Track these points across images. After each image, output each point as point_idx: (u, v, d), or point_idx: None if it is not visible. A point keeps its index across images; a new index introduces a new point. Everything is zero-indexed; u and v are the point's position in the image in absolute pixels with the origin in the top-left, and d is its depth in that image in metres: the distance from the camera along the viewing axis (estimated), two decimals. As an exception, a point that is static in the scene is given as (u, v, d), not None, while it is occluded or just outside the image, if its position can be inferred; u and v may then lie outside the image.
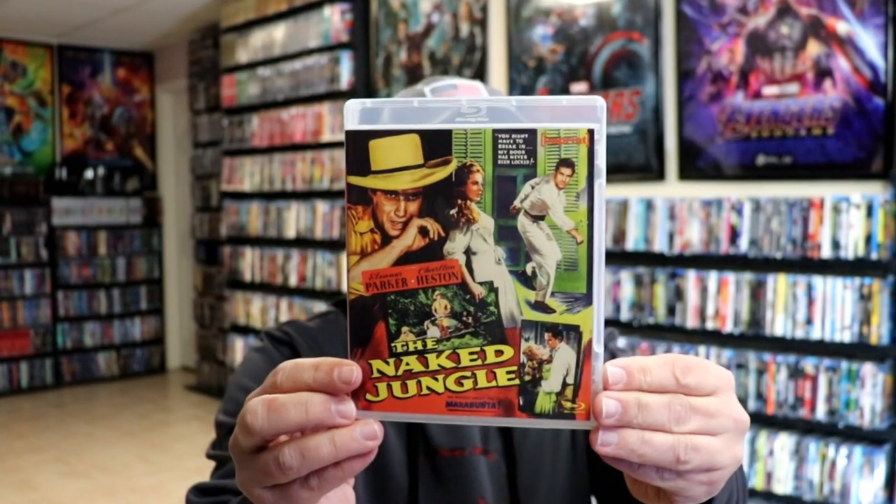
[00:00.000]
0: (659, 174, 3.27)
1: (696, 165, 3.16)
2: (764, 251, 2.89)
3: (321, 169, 4.72)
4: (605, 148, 0.46)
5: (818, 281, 2.75)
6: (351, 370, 0.47)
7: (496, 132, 0.46)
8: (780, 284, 2.84)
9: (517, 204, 0.46)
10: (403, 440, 0.97)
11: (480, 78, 3.98)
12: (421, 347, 0.48)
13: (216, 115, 6.01)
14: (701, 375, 0.49)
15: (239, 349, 5.34)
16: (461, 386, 0.48)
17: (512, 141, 0.46)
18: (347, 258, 0.48)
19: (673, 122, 3.23)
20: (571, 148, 0.46)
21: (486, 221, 0.47)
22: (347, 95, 4.60)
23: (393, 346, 0.48)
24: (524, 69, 3.75)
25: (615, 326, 3.24)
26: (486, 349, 0.47)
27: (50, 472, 4.56)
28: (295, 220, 4.92)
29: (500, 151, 0.46)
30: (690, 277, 3.06)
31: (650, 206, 3.18)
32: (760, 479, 2.85)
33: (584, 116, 0.46)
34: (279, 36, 5.02)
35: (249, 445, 0.49)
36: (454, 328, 0.48)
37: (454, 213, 0.47)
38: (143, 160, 7.39)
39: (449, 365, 0.48)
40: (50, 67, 6.88)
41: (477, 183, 0.46)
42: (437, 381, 0.48)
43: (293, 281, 4.93)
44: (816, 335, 2.76)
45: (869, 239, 2.66)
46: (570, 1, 3.56)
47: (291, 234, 4.93)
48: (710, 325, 3.02)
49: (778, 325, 2.84)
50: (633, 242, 3.22)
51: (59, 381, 6.65)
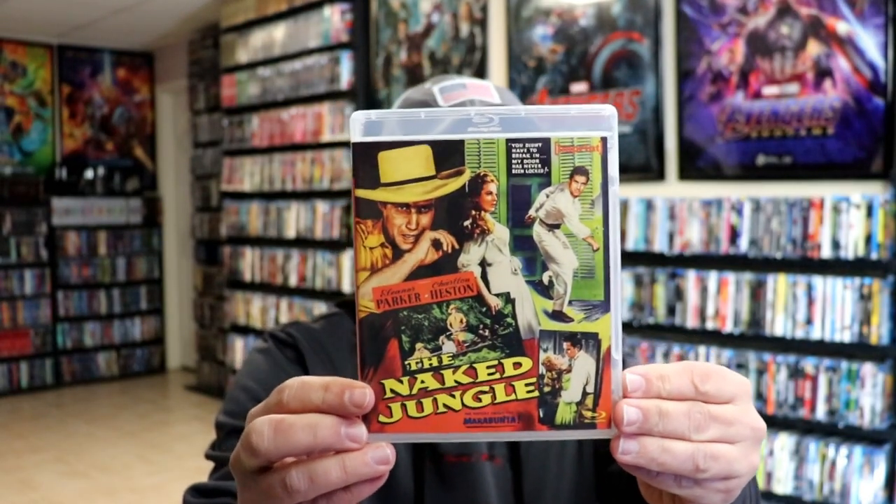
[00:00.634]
0: (659, 174, 3.27)
1: (696, 165, 3.16)
2: (764, 251, 2.89)
3: (321, 169, 4.72)
4: (617, 155, 0.46)
5: (818, 281, 2.76)
6: (364, 393, 0.45)
7: (510, 141, 0.46)
8: (780, 284, 2.84)
9: (532, 213, 0.46)
10: (409, 446, 0.96)
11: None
12: (436, 364, 0.46)
13: (216, 115, 6.01)
14: (719, 383, 0.48)
15: (239, 349, 5.34)
16: (479, 401, 0.46)
17: (526, 150, 0.46)
18: (356, 274, 0.46)
19: (673, 122, 3.24)
20: (585, 156, 0.46)
21: (501, 232, 0.46)
22: (347, 95, 4.60)
23: (407, 363, 0.46)
24: (524, 69, 3.75)
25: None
26: (503, 362, 0.46)
27: (50, 472, 4.56)
28: (295, 220, 4.92)
29: (514, 161, 0.46)
30: (690, 277, 3.07)
31: (650, 206, 3.19)
32: (760, 479, 2.85)
33: (594, 125, 0.46)
34: (279, 36, 5.02)
35: (253, 466, 0.48)
36: (470, 342, 0.46)
37: (468, 224, 0.46)
38: (143, 160, 7.39)
39: (466, 380, 0.46)
40: (50, 67, 6.87)
41: (491, 193, 0.46)
42: (453, 397, 0.46)
43: (293, 281, 4.93)
44: (816, 335, 2.76)
45: (869, 239, 2.66)
46: (570, 1, 3.56)
47: (291, 234, 4.93)
48: (710, 325, 3.02)
49: (778, 325, 2.85)
50: (633, 242, 3.22)
51: (59, 381, 6.64)
